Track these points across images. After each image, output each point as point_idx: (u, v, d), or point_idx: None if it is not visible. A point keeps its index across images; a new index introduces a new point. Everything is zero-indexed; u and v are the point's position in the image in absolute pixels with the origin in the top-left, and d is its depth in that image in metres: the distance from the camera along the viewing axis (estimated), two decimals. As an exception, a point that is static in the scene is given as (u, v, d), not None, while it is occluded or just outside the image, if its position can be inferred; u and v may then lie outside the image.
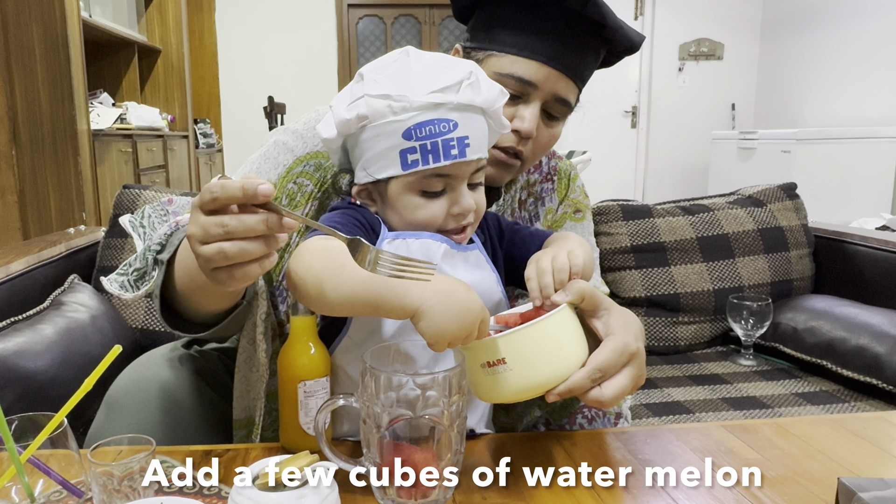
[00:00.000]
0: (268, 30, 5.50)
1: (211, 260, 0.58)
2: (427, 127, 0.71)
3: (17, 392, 1.07)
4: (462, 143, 0.72)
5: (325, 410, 0.65)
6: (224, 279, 0.59)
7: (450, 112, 0.72)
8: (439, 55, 0.76)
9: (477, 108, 0.74)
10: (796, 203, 1.89)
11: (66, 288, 1.41)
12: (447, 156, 0.71)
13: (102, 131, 3.17)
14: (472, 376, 0.67)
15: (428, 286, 0.61)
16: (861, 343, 1.45)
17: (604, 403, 0.68)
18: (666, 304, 1.72)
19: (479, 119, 0.75)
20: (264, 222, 0.57)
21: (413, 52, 0.75)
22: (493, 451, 0.76)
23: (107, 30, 3.49)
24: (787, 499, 0.67)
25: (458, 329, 0.61)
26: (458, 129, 0.72)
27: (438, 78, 0.71)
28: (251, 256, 0.58)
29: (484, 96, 0.74)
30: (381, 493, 0.64)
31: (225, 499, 0.64)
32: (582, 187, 1.08)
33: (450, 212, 0.75)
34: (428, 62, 0.74)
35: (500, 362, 0.64)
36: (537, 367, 0.65)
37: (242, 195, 0.56)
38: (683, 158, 5.64)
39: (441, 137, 0.71)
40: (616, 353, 0.68)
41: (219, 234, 0.57)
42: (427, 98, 0.71)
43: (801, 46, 5.03)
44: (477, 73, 0.74)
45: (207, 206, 0.57)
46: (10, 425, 0.56)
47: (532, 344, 0.65)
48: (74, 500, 0.58)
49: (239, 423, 0.86)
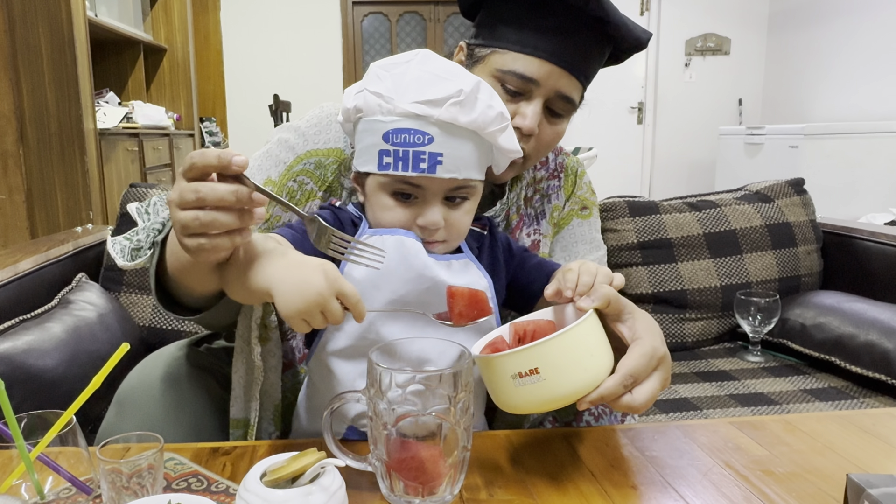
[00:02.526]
0: (273, 28, 5.51)
1: (186, 226, 0.60)
2: (403, 135, 0.71)
3: (25, 390, 1.07)
4: (434, 158, 0.71)
5: (332, 407, 0.65)
6: (195, 248, 0.61)
7: (429, 126, 0.71)
8: (449, 66, 0.75)
9: (463, 128, 0.72)
10: (804, 198, 1.88)
11: (73, 286, 1.42)
12: (415, 168, 0.71)
13: (109, 130, 3.19)
14: (500, 387, 0.65)
15: (280, 265, 0.62)
16: (870, 339, 1.44)
17: (635, 409, 0.67)
18: (673, 300, 1.72)
19: (465, 140, 0.73)
20: (234, 193, 0.59)
21: (425, 57, 0.75)
22: (500, 448, 0.76)
23: (113, 29, 3.50)
24: (795, 495, 0.66)
25: (302, 304, 0.59)
26: (434, 144, 0.71)
27: (428, 89, 0.71)
28: (222, 227, 0.60)
29: (472, 117, 0.72)
30: (388, 490, 0.64)
31: (233, 496, 0.65)
32: (589, 184, 1.08)
33: (416, 222, 0.75)
34: (430, 70, 0.73)
35: (532, 372, 0.63)
36: (571, 375, 0.64)
37: (217, 163, 0.59)
38: (690, 154, 5.62)
39: (413, 148, 0.71)
40: (646, 358, 0.68)
41: (192, 201, 0.59)
42: (409, 107, 0.70)
43: (808, 41, 5.00)
44: (473, 92, 0.72)
45: (187, 174, 0.60)
46: (20, 423, 0.57)
47: (565, 352, 0.64)
48: (83, 498, 0.59)
49: (236, 422, 0.86)
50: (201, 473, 0.69)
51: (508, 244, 0.88)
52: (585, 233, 1.04)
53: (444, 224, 0.75)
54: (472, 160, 0.74)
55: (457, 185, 0.74)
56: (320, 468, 0.58)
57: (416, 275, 0.74)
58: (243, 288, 0.64)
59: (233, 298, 0.67)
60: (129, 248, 0.77)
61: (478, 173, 0.76)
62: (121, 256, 0.76)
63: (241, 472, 0.69)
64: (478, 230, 0.85)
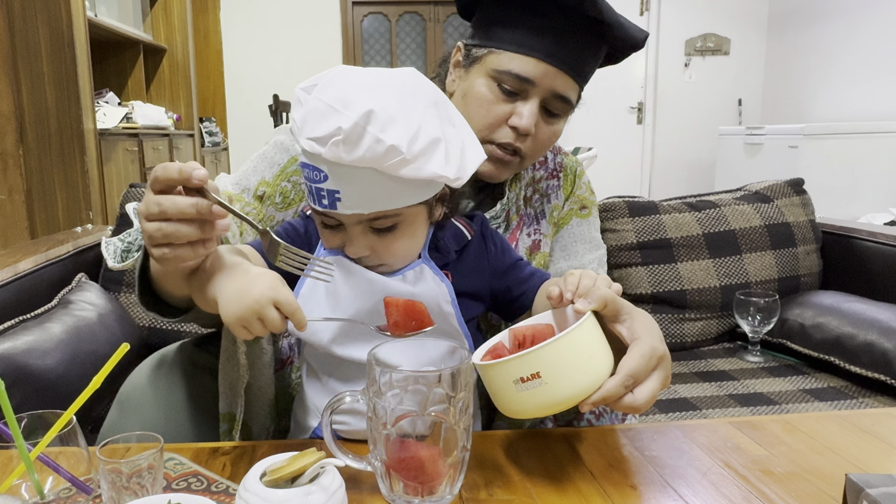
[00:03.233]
0: (272, 28, 5.51)
1: (151, 237, 0.62)
2: (305, 170, 0.71)
3: (25, 390, 1.07)
4: (332, 195, 0.69)
5: (332, 408, 0.65)
6: (160, 257, 0.63)
7: (321, 163, 0.68)
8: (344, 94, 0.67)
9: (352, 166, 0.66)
10: (804, 198, 1.88)
11: (73, 287, 1.42)
12: (318, 203, 0.71)
13: (108, 130, 3.19)
14: (502, 393, 0.65)
15: (228, 275, 0.64)
16: (869, 339, 1.44)
17: (637, 409, 0.67)
18: (672, 300, 1.72)
19: (362, 175, 0.67)
20: (194, 206, 0.61)
21: (331, 80, 0.69)
22: (499, 447, 0.76)
23: (112, 29, 3.50)
24: (794, 495, 0.66)
25: (239, 311, 0.61)
26: (328, 181, 0.68)
27: (318, 125, 0.66)
28: (184, 238, 0.61)
29: (358, 155, 0.65)
30: (388, 490, 0.64)
31: (233, 496, 0.65)
32: (588, 184, 1.08)
33: (345, 250, 0.75)
34: (326, 100, 0.67)
35: (534, 377, 0.63)
36: (572, 378, 0.64)
37: (178, 177, 0.61)
38: (690, 154, 5.62)
39: (314, 184, 0.70)
40: (646, 358, 0.68)
41: (156, 213, 0.61)
42: (304, 144, 0.68)
43: (808, 41, 5.00)
44: (356, 128, 0.64)
45: (153, 186, 0.62)
46: (20, 423, 0.57)
47: (566, 355, 0.64)
48: (84, 497, 0.59)
49: (224, 416, 0.87)
50: (201, 473, 0.69)
51: (502, 248, 0.86)
52: (585, 232, 1.04)
53: (369, 252, 0.74)
54: (377, 193, 0.69)
55: (373, 216, 0.71)
56: (320, 468, 0.59)
57: (361, 292, 0.74)
58: (202, 296, 0.66)
59: (198, 305, 0.69)
60: (120, 250, 0.77)
61: (393, 203, 0.70)
62: (112, 258, 0.77)
63: (240, 472, 0.69)
64: (463, 230, 0.83)
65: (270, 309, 0.61)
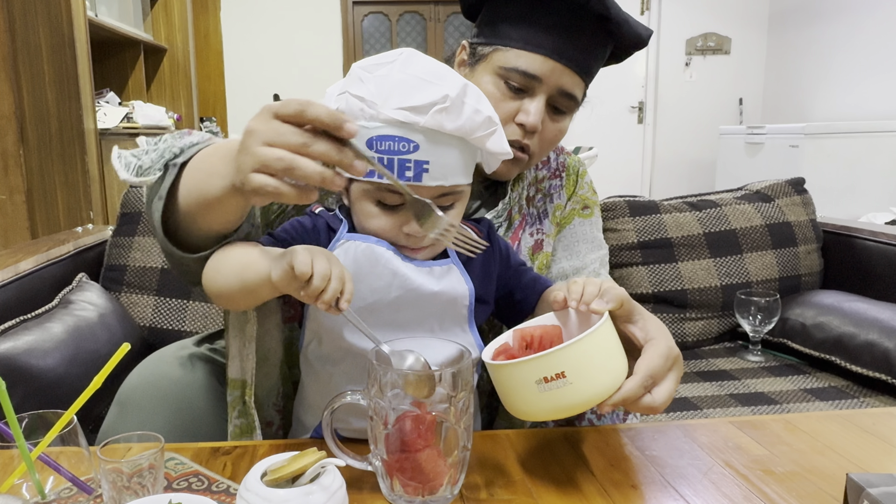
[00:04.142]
0: (273, 28, 5.50)
1: (266, 164, 0.57)
2: (387, 142, 0.68)
3: (26, 390, 1.08)
4: (420, 166, 0.68)
5: (332, 407, 0.65)
6: (257, 187, 0.58)
7: (414, 133, 0.68)
8: (435, 68, 0.71)
9: (449, 135, 0.69)
10: (804, 198, 1.88)
11: (74, 287, 1.42)
12: (400, 176, 0.69)
13: (109, 130, 3.19)
14: (522, 394, 0.63)
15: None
16: (870, 338, 1.44)
17: (656, 410, 0.67)
18: (673, 300, 1.72)
19: (451, 146, 0.70)
20: (340, 152, 0.58)
21: (409, 57, 0.71)
22: (500, 447, 0.76)
23: (113, 29, 3.50)
24: (795, 495, 0.66)
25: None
26: (419, 152, 0.68)
27: (413, 95, 0.67)
28: (303, 179, 0.58)
29: (459, 124, 0.69)
30: (389, 489, 0.64)
31: (233, 496, 0.65)
32: (590, 183, 1.08)
33: (402, 230, 0.73)
34: (414, 73, 0.69)
35: (559, 376, 0.61)
36: (597, 378, 0.63)
37: (328, 121, 0.57)
38: (690, 154, 5.61)
39: (398, 156, 0.68)
40: (663, 358, 0.68)
41: (293, 143, 0.57)
42: (394, 114, 0.67)
43: (809, 40, 4.99)
44: (459, 97, 0.68)
45: (286, 117, 0.58)
46: (21, 423, 0.57)
47: (591, 354, 0.62)
48: (84, 497, 0.59)
49: (233, 383, 0.86)
50: (202, 473, 0.69)
51: (507, 254, 0.87)
52: (587, 232, 1.04)
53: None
54: (459, 166, 0.72)
55: (443, 191, 0.72)
56: (321, 468, 0.59)
57: (385, 283, 0.73)
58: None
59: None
60: (135, 165, 0.74)
61: (465, 178, 0.74)
62: (126, 170, 0.74)
63: (241, 472, 0.69)
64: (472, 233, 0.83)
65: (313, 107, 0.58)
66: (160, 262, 1.54)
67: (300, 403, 0.86)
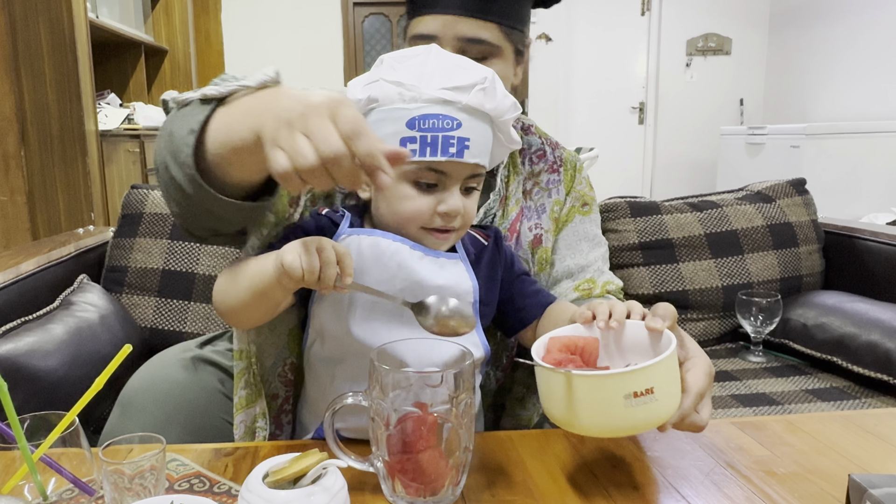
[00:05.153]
0: (274, 29, 5.51)
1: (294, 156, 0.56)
2: (431, 120, 0.72)
3: (28, 391, 1.08)
4: (462, 143, 0.72)
5: (334, 408, 0.65)
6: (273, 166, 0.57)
7: (457, 111, 0.72)
8: (461, 58, 0.77)
9: (485, 114, 0.75)
10: (806, 198, 1.88)
11: (75, 288, 1.42)
12: (444, 152, 0.72)
13: (110, 132, 3.19)
14: (606, 407, 0.61)
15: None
16: (872, 339, 1.44)
17: (701, 427, 0.67)
18: (674, 300, 1.72)
19: (485, 126, 0.76)
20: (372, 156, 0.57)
21: (437, 49, 0.77)
22: (502, 448, 0.76)
23: (114, 30, 3.50)
24: (797, 496, 0.66)
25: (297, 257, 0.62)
26: (462, 129, 0.72)
27: (454, 76, 0.73)
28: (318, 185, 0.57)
29: (494, 105, 0.75)
30: (391, 490, 0.64)
31: (235, 497, 0.65)
32: (587, 179, 1.08)
33: (437, 210, 0.75)
34: (448, 61, 0.75)
35: (648, 392, 0.60)
36: (674, 395, 0.63)
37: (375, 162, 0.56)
38: (691, 154, 5.61)
39: (442, 133, 0.72)
40: (708, 377, 0.69)
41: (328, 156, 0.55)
42: (437, 93, 0.71)
43: (809, 40, 5.00)
44: (493, 81, 0.75)
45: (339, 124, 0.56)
46: (22, 424, 0.57)
47: (672, 372, 0.63)
48: (86, 499, 0.59)
49: (238, 353, 0.86)
50: (203, 474, 0.69)
51: (512, 262, 0.88)
52: (588, 229, 1.04)
53: (463, 210, 0.76)
54: (489, 147, 0.77)
55: (474, 171, 0.76)
56: (322, 469, 0.58)
57: (390, 276, 0.74)
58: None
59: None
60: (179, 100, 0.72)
61: (494, 160, 0.80)
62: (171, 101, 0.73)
63: (243, 473, 0.69)
64: (480, 238, 0.85)
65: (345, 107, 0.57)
66: (161, 264, 1.54)
67: (302, 404, 0.86)
